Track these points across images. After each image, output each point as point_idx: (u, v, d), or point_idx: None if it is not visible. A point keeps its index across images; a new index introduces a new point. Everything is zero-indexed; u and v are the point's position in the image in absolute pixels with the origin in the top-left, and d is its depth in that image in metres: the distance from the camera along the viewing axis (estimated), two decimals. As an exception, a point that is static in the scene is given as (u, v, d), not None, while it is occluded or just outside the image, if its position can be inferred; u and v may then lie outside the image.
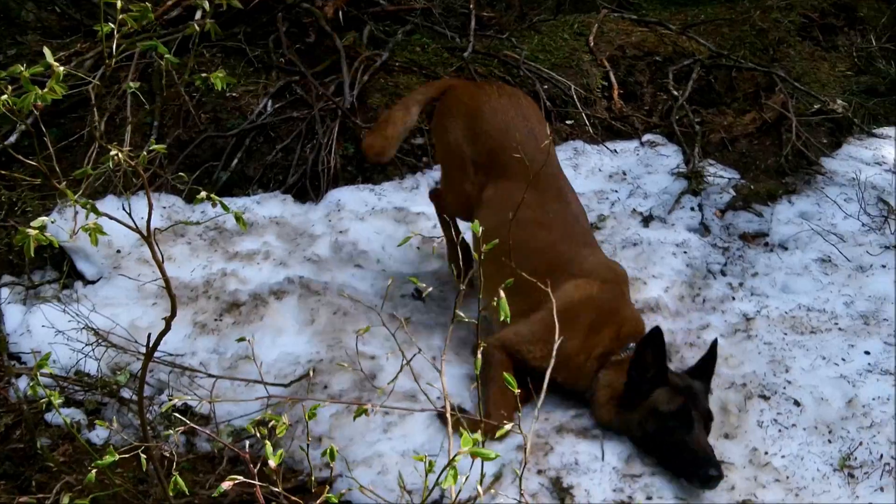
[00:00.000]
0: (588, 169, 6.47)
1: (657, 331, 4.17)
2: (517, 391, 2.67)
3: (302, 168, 6.24)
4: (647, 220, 5.93)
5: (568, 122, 6.87)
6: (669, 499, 3.96)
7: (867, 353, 4.79)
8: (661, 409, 4.12)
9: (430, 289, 3.37)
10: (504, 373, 2.85)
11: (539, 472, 4.10)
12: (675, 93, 7.18)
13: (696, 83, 7.34)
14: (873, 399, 4.46)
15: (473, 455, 2.02)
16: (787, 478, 4.08)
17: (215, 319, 5.08)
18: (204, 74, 2.92)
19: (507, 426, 2.42)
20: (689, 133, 6.78)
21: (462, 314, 2.88)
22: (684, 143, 6.66)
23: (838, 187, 6.20)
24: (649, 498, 3.97)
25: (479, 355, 2.78)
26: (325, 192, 6.11)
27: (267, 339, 4.92)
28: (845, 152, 6.74)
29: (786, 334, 4.92)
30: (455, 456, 2.04)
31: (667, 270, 5.42)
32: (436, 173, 6.31)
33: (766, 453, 4.20)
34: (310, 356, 4.79)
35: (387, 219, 5.85)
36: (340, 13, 7.23)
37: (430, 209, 5.75)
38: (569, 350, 4.23)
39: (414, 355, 3.41)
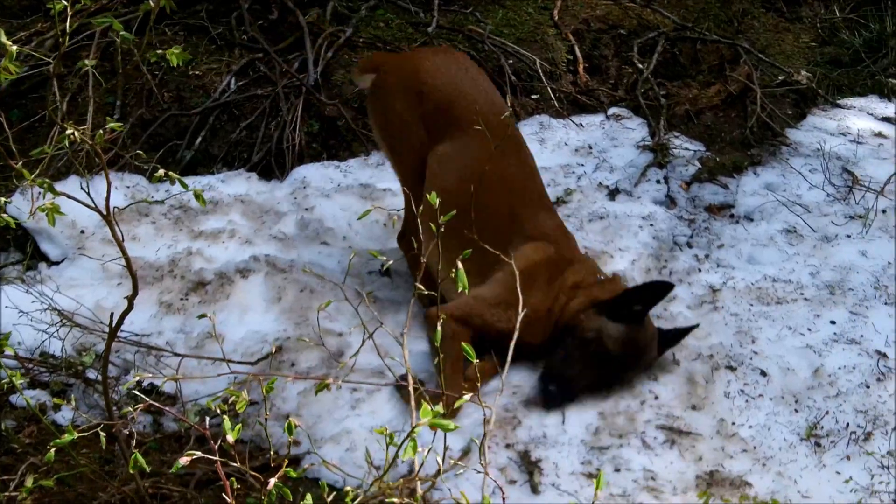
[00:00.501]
0: (554, 143, 6.46)
1: (669, 285, 4.43)
2: (476, 362, 2.66)
3: (267, 146, 6.19)
4: (613, 194, 5.93)
5: (533, 96, 6.85)
6: (637, 469, 3.98)
7: (833, 322, 4.82)
8: (609, 341, 4.35)
9: (391, 262, 3.34)
10: (462, 344, 2.83)
11: (507, 446, 4.11)
12: (640, 66, 7.17)
13: (661, 56, 7.33)
14: (839, 368, 4.49)
15: (433, 427, 2.02)
16: (755, 448, 4.10)
17: (181, 299, 5.05)
18: (160, 51, 2.88)
19: (466, 397, 2.40)
20: (655, 106, 6.78)
21: (422, 287, 2.87)
22: (650, 116, 6.65)
23: (803, 158, 6.21)
24: (617, 470, 3.99)
25: (439, 327, 2.77)
26: (290, 170, 6.07)
27: (234, 318, 4.91)
28: (810, 123, 6.77)
29: (752, 305, 4.94)
30: (414, 428, 2.03)
31: (633, 243, 5.42)
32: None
33: (734, 424, 4.23)
34: (277, 334, 4.77)
35: (353, 196, 5.82)
36: (304, -11, 7.19)
37: (396, 185, 5.74)
38: (535, 305, 4.29)
39: (375, 329, 3.40)
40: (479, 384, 2.89)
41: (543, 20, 7.48)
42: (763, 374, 4.48)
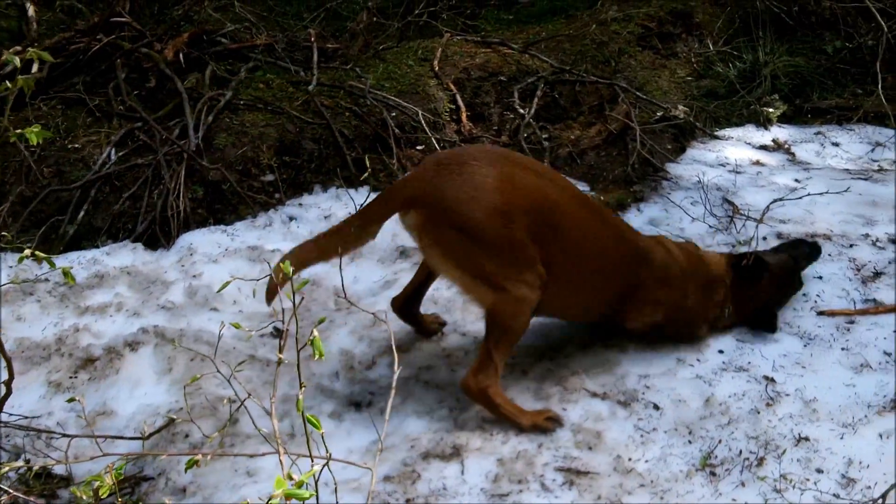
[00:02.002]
0: (441, 192, 6.49)
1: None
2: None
3: (151, 215, 6.13)
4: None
5: (418, 147, 6.89)
6: (537, 514, 3.99)
7: (721, 351, 4.89)
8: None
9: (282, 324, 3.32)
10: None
11: (407, 501, 4.08)
12: (522, 111, 7.26)
13: (542, 100, 7.44)
14: (729, 396, 4.55)
15: (287, 497, 2.00)
16: (652, 482, 4.13)
17: (70, 377, 4.95)
18: (18, 130, 2.84)
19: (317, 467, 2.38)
20: (538, 149, 6.86)
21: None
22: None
23: (684, 191, 6.33)
24: (518, 515, 3.99)
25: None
26: (176, 237, 6.01)
27: (124, 393, 4.82)
28: (689, 156, 6.90)
29: (640, 338, 4.99)
30: (270, 499, 2.01)
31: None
32: (290, 209, 6.29)
33: (630, 459, 4.25)
34: (169, 405, 4.70)
35: (241, 259, 5.78)
36: (181, 55, 7.16)
37: (286, 245, 5.73)
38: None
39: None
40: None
41: (424, 71, 7.53)
42: (656, 407, 4.52)
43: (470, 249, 4.29)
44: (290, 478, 2.02)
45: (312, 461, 2.39)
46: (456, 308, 5.33)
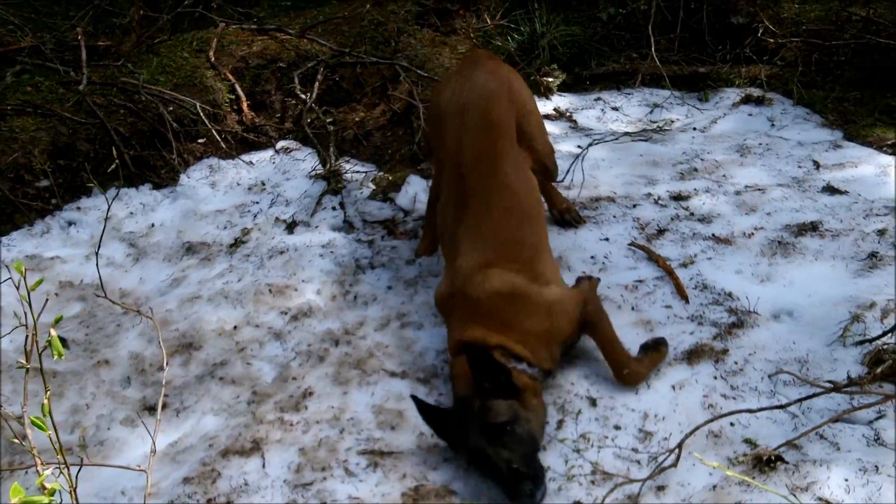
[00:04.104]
0: (226, 184, 6.35)
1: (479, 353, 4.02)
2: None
3: (-82, 229, 5.80)
4: (291, 227, 5.86)
5: (200, 140, 6.72)
6: (343, 499, 3.91)
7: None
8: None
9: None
10: None
11: (208, 501, 3.96)
12: (304, 96, 7.16)
13: (323, 84, 7.35)
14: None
15: (24, 505, 1.88)
16: (455, 455, 4.11)
17: None
18: None
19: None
20: (323, 134, 6.77)
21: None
22: (319, 145, 6.63)
23: (472, 164, 6.33)
24: (324, 503, 3.91)
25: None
26: (-55, 253, 5.69)
27: None
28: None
29: (436, 315, 4.97)
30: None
31: (316, 273, 5.37)
32: (69, 213, 6.04)
33: (433, 435, 4.22)
34: (-53, 429, 4.44)
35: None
36: (-63, 63, 6.80)
37: (65, 252, 5.51)
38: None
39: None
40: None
41: (200, 63, 7.34)
42: (456, 379, 4.51)
43: None
44: (44, 488, 1.89)
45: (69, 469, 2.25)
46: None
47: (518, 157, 4.86)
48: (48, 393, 2.42)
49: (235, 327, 5.02)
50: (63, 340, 5.03)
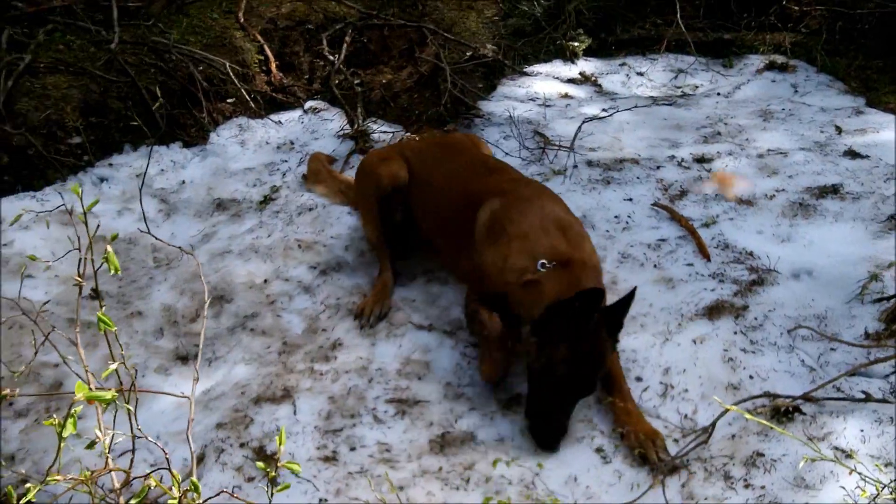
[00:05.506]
0: (255, 143, 6.46)
1: (592, 294, 3.93)
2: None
3: (-48, 185, 5.91)
4: (320, 185, 5.97)
5: (229, 100, 6.81)
6: (372, 445, 4.03)
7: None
8: (553, 368, 3.98)
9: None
10: None
11: (241, 445, 4.08)
12: (332, 58, 7.25)
13: (351, 46, 7.43)
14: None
15: (90, 400, 1.99)
16: (481, 404, 4.22)
17: None
18: None
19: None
20: (350, 95, 6.87)
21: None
22: (346, 106, 6.72)
23: (497, 127, 6.44)
24: (353, 448, 4.02)
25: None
26: (-18, 207, 5.81)
27: (-62, 367, 4.67)
28: (500, 93, 7.03)
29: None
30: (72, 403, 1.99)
31: (344, 230, 5.48)
32: (101, 170, 6.15)
33: (459, 385, 4.35)
34: (-10, 374, 4.57)
35: (53, 224, 5.62)
36: (-27, 21, 6.90)
37: (98, 207, 5.61)
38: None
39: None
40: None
41: (229, 24, 7.43)
42: (479, 334, 4.62)
43: None
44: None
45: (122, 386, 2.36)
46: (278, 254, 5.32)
47: None
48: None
49: (266, 281, 5.14)
50: (97, 292, 5.14)
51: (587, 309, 3.87)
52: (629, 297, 3.97)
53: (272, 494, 2.93)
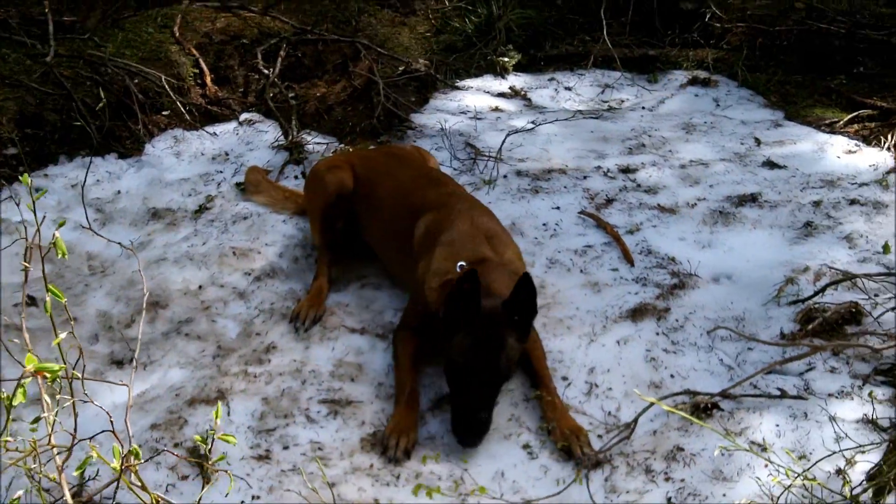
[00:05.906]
0: (191, 154, 6.53)
1: (471, 274, 4.04)
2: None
3: None
4: (253, 195, 6.06)
5: (164, 112, 6.88)
6: (305, 443, 4.12)
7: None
8: (454, 358, 4.14)
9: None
10: None
11: (176, 445, 4.15)
12: (266, 72, 7.36)
13: (286, 60, 7.55)
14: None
15: (38, 371, 2.08)
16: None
17: None
18: None
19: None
20: (286, 108, 6.98)
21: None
22: (281, 118, 6.82)
23: (429, 138, 6.58)
24: (286, 447, 4.12)
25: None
26: None
27: None
28: (432, 106, 7.19)
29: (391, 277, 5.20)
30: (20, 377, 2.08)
31: (279, 237, 5.57)
32: (36, 180, 6.18)
33: (391, 386, 4.44)
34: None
35: (-14, 230, 5.67)
36: None
37: (32, 216, 5.64)
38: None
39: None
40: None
41: (165, 38, 7.50)
42: (411, 335, 4.73)
43: None
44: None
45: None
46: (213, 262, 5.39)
47: None
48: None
49: (200, 287, 5.21)
50: (32, 299, 5.19)
51: (472, 289, 4.01)
52: (522, 283, 4.06)
53: (203, 489, 3.04)
